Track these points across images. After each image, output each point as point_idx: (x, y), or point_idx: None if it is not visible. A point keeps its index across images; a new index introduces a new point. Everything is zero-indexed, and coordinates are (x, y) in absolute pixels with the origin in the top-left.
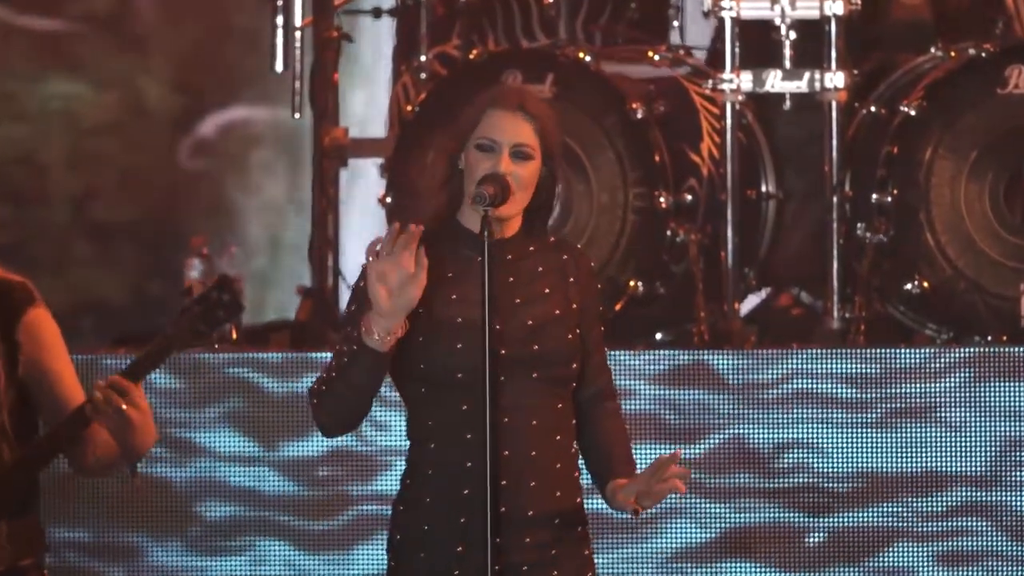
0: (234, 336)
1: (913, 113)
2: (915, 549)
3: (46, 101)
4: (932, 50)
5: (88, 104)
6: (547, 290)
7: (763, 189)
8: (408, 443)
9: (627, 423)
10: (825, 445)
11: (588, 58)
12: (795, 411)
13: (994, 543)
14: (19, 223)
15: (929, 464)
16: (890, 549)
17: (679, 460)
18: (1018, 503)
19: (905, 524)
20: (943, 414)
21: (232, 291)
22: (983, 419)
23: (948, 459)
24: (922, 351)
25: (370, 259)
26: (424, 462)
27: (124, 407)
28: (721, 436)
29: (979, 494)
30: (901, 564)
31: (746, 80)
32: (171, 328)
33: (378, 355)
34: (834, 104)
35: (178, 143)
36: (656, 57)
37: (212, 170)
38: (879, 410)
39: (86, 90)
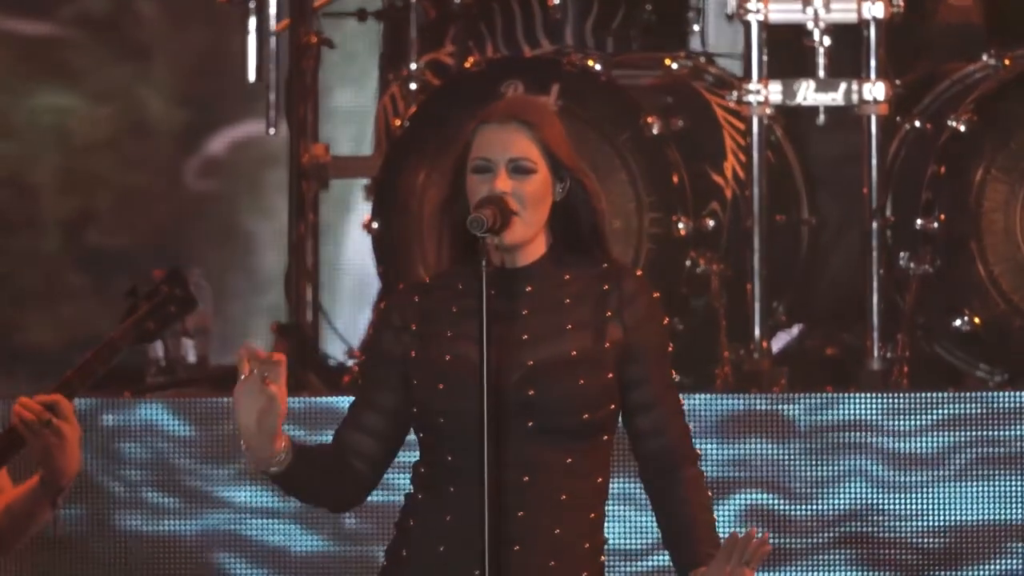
0: (187, 332)
1: (962, 129)
2: None
3: (34, 115)
4: (984, 58)
5: (82, 118)
6: (569, 326)
7: (794, 214)
8: None
9: (710, 491)
10: (908, 497)
11: (598, 66)
12: (868, 461)
13: None
14: (4, 251)
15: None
16: None
17: (755, 537)
18: None
19: None
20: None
21: (184, 284)
22: None
23: None
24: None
25: (241, 377)
26: (409, 513)
27: (54, 420)
28: (791, 489)
29: None
30: None
31: (775, 92)
32: (117, 330)
33: (278, 477)
34: (874, 119)
35: (183, 162)
36: (674, 65)
37: (221, 192)
38: (964, 457)
39: (80, 103)
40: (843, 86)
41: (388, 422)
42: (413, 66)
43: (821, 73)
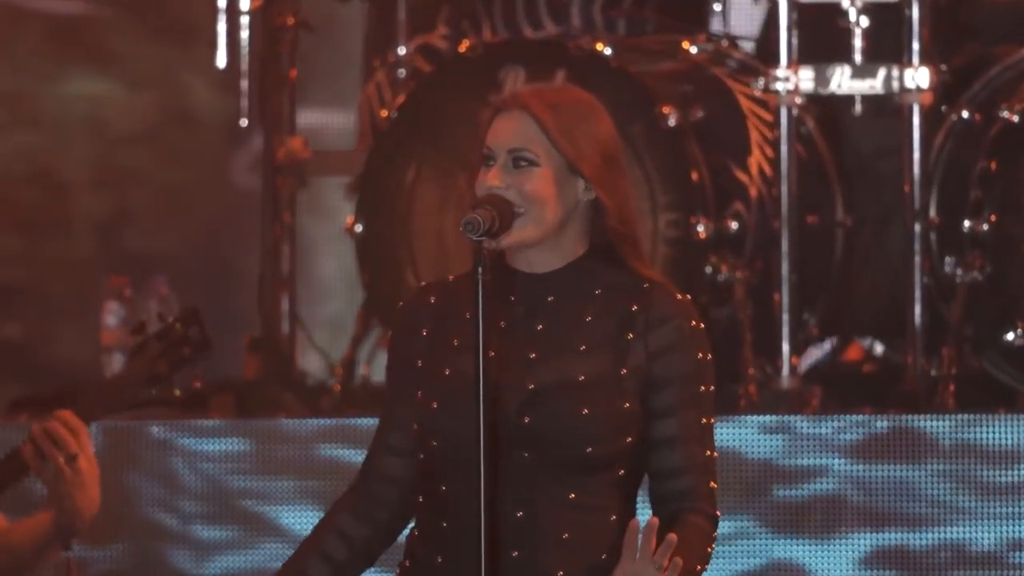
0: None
1: (1016, 120)
2: None
3: (65, 104)
4: None
5: (118, 107)
6: (583, 347)
7: (828, 215)
8: None
9: (709, 547)
10: None
11: (608, 51)
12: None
13: None
14: (33, 256)
15: None
16: None
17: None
18: None
19: None
20: None
21: (200, 324)
22: None
23: None
24: None
25: None
26: (407, 552)
27: (75, 451)
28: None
29: None
30: None
31: (806, 78)
32: (123, 370)
33: None
34: (916, 108)
35: (231, 156)
36: (693, 49)
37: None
38: None
39: (115, 90)
40: (882, 72)
41: (413, 437)
42: (402, 50)
43: (858, 58)
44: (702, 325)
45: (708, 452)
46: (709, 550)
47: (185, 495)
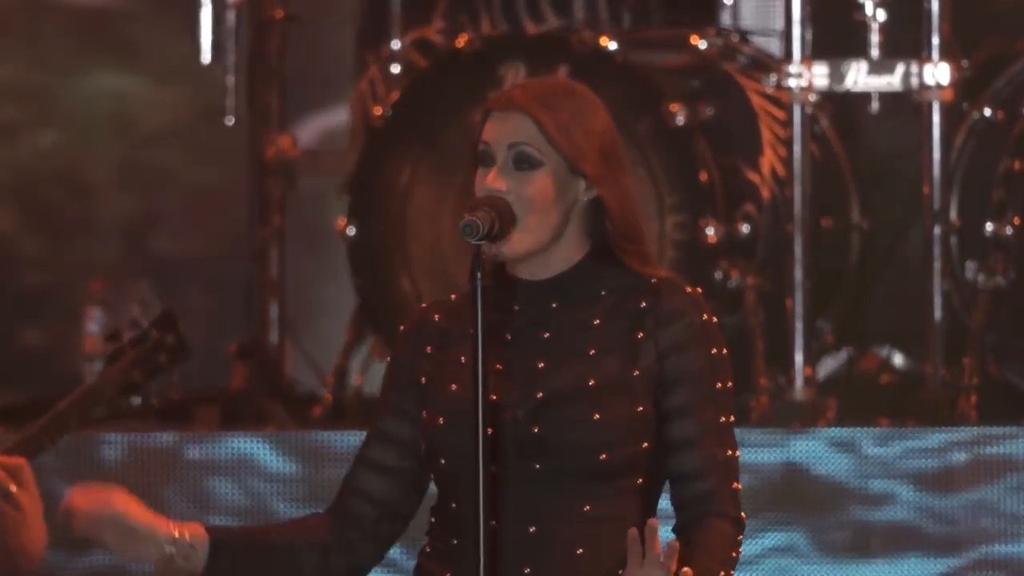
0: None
1: None
2: None
3: (90, 100)
4: None
5: (145, 103)
6: (592, 351)
7: (843, 218)
8: None
9: (735, 551)
10: None
11: (613, 45)
12: None
13: None
14: (56, 259)
15: None
16: None
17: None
18: None
19: None
20: None
21: (177, 330)
22: None
23: None
24: None
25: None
26: (419, 563)
27: (13, 489)
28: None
29: None
30: None
31: (821, 75)
32: (95, 379)
33: (208, 573)
34: (936, 106)
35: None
36: (702, 44)
37: (311, 190)
38: None
39: (143, 85)
40: (900, 68)
41: (401, 456)
42: (396, 45)
43: (875, 53)
44: (715, 319)
45: (729, 452)
46: (735, 555)
47: (222, 514)
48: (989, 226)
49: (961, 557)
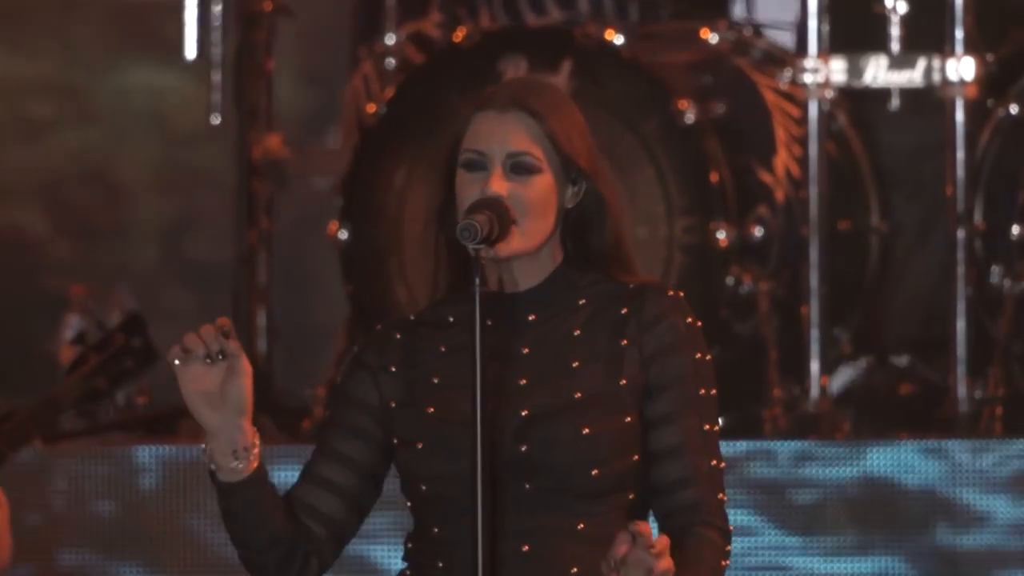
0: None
1: None
2: None
3: (125, 97)
4: None
5: (182, 101)
6: (576, 363)
7: (861, 220)
8: None
9: (724, 561)
10: None
11: (619, 39)
12: None
13: None
14: (89, 264)
15: None
16: None
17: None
18: None
19: None
20: None
21: (145, 334)
22: None
23: None
24: None
25: (176, 363)
26: None
27: None
28: None
29: None
30: None
31: (838, 70)
32: (56, 387)
33: (233, 488)
34: (959, 103)
35: (311, 154)
36: (713, 38)
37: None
38: None
39: (179, 81)
40: (922, 63)
41: (352, 477)
42: (391, 39)
43: (895, 47)
44: (699, 323)
45: (713, 462)
46: (724, 564)
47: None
48: (1015, 229)
49: None
